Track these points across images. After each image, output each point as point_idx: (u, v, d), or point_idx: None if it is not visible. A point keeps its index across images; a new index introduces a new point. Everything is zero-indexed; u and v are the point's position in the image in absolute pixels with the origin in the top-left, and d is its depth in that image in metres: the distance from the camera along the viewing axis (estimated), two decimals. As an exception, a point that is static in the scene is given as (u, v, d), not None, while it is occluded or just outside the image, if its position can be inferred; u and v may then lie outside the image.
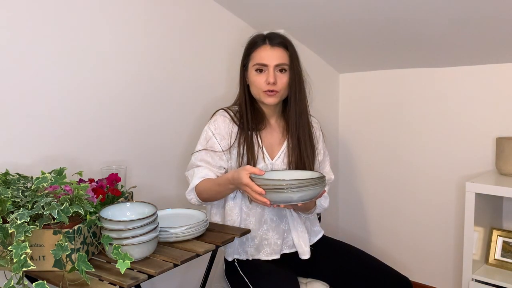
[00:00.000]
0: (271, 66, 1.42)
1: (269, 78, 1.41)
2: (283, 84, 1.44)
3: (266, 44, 1.45)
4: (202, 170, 1.43)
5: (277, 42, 1.45)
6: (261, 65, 1.44)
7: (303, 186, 1.20)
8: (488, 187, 1.70)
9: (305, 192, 1.20)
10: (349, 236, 2.57)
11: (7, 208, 1.06)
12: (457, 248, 2.14)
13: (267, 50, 1.44)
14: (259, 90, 1.45)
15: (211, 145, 1.45)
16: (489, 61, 1.96)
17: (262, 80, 1.43)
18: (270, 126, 1.53)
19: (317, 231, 1.61)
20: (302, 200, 1.22)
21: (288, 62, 1.45)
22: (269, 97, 1.44)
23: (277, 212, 1.48)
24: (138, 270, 1.08)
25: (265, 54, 1.44)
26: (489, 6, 1.55)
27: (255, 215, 1.46)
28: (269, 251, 1.48)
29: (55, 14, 1.43)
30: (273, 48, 1.44)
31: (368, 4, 1.71)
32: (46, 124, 1.43)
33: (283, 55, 1.44)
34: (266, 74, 1.43)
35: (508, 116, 1.95)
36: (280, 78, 1.44)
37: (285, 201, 1.21)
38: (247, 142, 1.45)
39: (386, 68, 2.31)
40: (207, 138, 1.46)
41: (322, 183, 1.25)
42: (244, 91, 1.50)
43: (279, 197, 1.20)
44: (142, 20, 1.68)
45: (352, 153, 2.53)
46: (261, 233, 1.47)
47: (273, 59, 1.43)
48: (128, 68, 1.64)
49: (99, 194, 1.24)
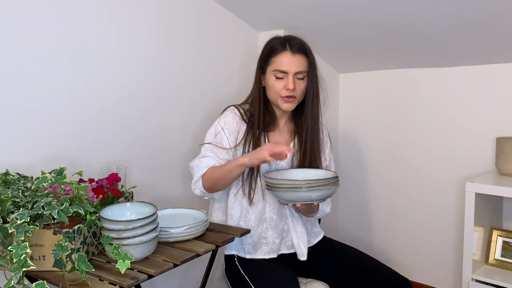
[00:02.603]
0: (291, 73, 1.42)
1: (289, 85, 1.41)
2: (301, 90, 1.45)
3: (287, 50, 1.43)
4: (209, 160, 1.43)
5: (297, 48, 1.43)
6: (281, 72, 1.43)
7: (322, 185, 1.26)
8: (488, 187, 1.70)
9: (324, 191, 1.26)
10: (348, 236, 2.57)
11: (7, 208, 1.06)
12: (457, 248, 2.14)
13: (288, 57, 1.42)
14: (277, 95, 1.45)
15: (219, 139, 1.46)
16: (489, 61, 1.96)
17: (281, 86, 1.43)
18: (278, 128, 1.54)
19: (317, 233, 1.61)
20: (320, 199, 1.28)
21: (307, 69, 1.44)
22: (287, 103, 1.45)
23: (277, 211, 1.48)
24: (138, 270, 1.08)
25: (286, 61, 1.42)
26: (489, 6, 1.55)
27: (255, 212, 1.47)
28: (267, 250, 1.49)
29: (60, 15, 1.43)
30: (294, 55, 1.43)
31: (368, 4, 1.71)
32: (46, 124, 1.43)
33: (303, 62, 1.43)
34: (285, 80, 1.43)
35: (508, 116, 1.95)
36: (299, 85, 1.44)
37: (305, 200, 1.27)
38: (254, 141, 1.46)
39: (386, 68, 2.31)
40: (216, 132, 1.48)
41: (338, 182, 1.32)
42: (259, 92, 1.49)
43: (298, 196, 1.26)
44: (146, 22, 1.68)
45: (352, 153, 2.53)
46: (260, 231, 1.48)
47: (293, 66, 1.42)
48: (130, 69, 1.64)
49: (99, 194, 1.24)
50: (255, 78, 1.52)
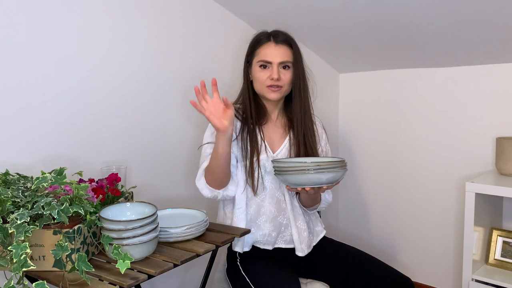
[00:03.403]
0: (275, 63, 1.46)
1: (273, 74, 1.44)
2: (287, 79, 1.47)
3: (270, 41, 1.48)
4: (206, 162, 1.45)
5: (281, 40, 1.48)
6: (265, 62, 1.47)
7: (331, 167, 1.26)
8: (488, 187, 1.70)
9: (333, 173, 1.26)
10: (349, 236, 2.57)
11: (7, 208, 1.06)
12: (457, 248, 2.14)
13: (271, 47, 1.47)
14: (262, 86, 1.48)
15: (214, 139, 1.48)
16: (489, 61, 1.96)
17: (265, 76, 1.46)
18: (272, 121, 1.56)
19: (319, 231, 1.61)
20: (329, 182, 1.27)
21: (292, 60, 1.48)
22: (272, 93, 1.47)
23: (276, 204, 1.50)
24: (138, 270, 1.08)
25: (269, 51, 1.47)
26: (489, 6, 1.55)
27: (255, 204, 1.49)
28: (262, 241, 1.50)
29: (61, 15, 1.43)
30: (277, 45, 1.47)
31: (368, 4, 1.71)
32: (46, 124, 1.43)
33: (287, 52, 1.47)
34: (270, 70, 1.46)
35: (508, 116, 1.95)
36: (284, 74, 1.47)
37: (314, 182, 1.26)
38: (250, 135, 1.49)
39: (386, 68, 2.31)
40: (212, 131, 1.50)
41: (346, 166, 1.32)
42: (248, 86, 1.53)
43: (307, 179, 1.25)
44: (146, 22, 1.68)
45: (352, 153, 2.53)
46: (259, 223, 1.49)
47: (277, 56, 1.46)
48: (130, 69, 1.64)
49: (99, 194, 1.24)
50: (243, 74, 1.56)
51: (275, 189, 1.50)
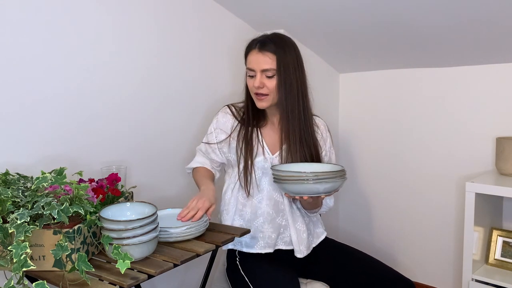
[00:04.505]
0: (258, 71, 1.43)
1: (255, 83, 1.44)
2: (272, 87, 1.43)
3: (255, 48, 1.45)
4: (200, 157, 1.61)
5: (266, 47, 1.43)
6: (250, 70, 1.46)
7: (329, 178, 1.26)
8: (488, 187, 1.70)
9: (331, 184, 1.27)
10: (349, 236, 2.57)
11: (7, 208, 1.06)
12: (457, 248, 2.14)
13: (254, 54, 1.45)
14: (252, 93, 1.49)
15: (210, 139, 1.56)
16: (489, 61, 1.96)
17: (251, 84, 1.46)
18: (272, 124, 1.55)
19: (320, 233, 1.61)
20: (327, 192, 1.29)
21: (275, 67, 1.42)
22: (259, 101, 1.47)
23: (274, 206, 1.49)
24: (138, 270, 1.08)
25: (253, 58, 1.45)
26: (489, 6, 1.55)
27: (251, 206, 1.49)
28: (263, 244, 1.49)
29: (60, 15, 1.43)
30: (260, 53, 1.43)
31: (368, 4, 1.71)
32: (46, 124, 1.43)
33: (269, 60, 1.42)
34: (254, 78, 1.45)
35: (508, 116, 1.95)
36: (269, 82, 1.43)
37: (313, 192, 1.27)
38: (246, 137, 1.50)
39: (386, 68, 2.31)
40: (209, 131, 1.58)
41: (345, 176, 1.32)
42: (246, 90, 1.54)
43: (305, 188, 1.26)
44: (147, 23, 1.68)
45: (352, 153, 2.53)
46: (257, 224, 1.49)
47: (259, 64, 1.43)
48: (130, 69, 1.64)
49: (99, 194, 1.24)
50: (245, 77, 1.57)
51: (273, 191, 1.50)
